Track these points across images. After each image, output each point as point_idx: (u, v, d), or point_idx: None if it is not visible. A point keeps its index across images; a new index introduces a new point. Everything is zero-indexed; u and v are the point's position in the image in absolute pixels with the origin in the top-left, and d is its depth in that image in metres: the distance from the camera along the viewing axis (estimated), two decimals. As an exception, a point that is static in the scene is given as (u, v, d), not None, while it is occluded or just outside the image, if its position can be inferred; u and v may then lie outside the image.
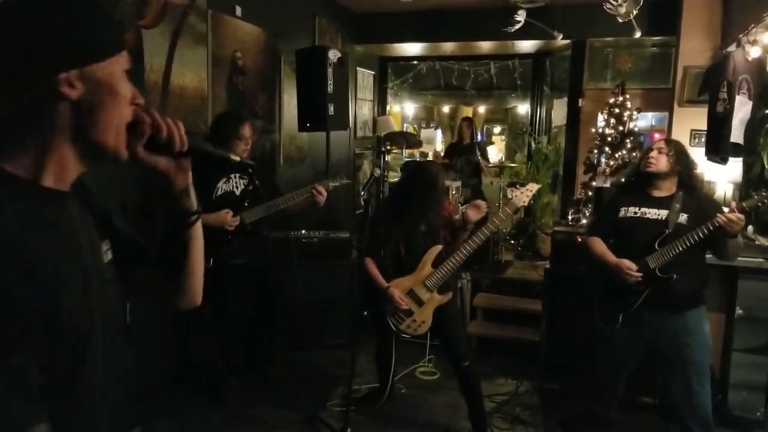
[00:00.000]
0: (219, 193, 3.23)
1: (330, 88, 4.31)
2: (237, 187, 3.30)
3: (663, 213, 2.74)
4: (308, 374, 3.93)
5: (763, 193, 2.60)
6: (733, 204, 2.55)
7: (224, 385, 3.47)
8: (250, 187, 3.30)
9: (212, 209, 3.11)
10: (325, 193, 3.28)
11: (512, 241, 6.23)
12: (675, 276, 2.66)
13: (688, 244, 2.60)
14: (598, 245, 2.88)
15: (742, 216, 2.49)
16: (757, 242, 3.42)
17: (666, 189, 2.77)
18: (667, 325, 2.75)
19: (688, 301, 2.75)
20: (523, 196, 2.98)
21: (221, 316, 3.43)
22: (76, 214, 0.96)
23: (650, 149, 2.81)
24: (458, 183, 5.88)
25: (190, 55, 3.65)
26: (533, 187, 3.06)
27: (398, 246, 3.05)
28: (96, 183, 1.11)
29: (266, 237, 3.65)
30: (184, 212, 1.14)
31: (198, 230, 1.18)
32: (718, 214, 2.54)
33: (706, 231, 2.56)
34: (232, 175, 3.27)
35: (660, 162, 2.73)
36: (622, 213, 2.84)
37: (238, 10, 4.21)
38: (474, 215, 2.97)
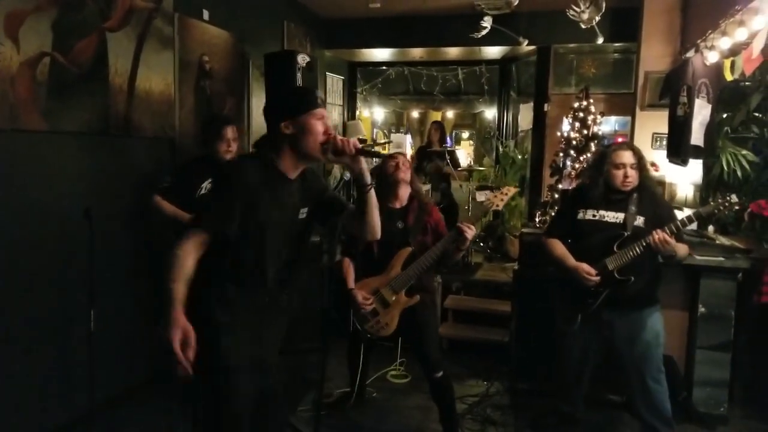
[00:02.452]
0: (202, 192, 3.29)
1: (299, 93, 4.29)
2: None
3: (620, 216, 2.81)
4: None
5: (719, 200, 2.72)
6: (666, 230, 2.66)
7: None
8: None
9: (193, 207, 3.12)
10: None
11: (481, 244, 6.28)
12: (632, 278, 2.74)
13: (643, 248, 2.68)
14: (557, 247, 2.94)
15: (671, 240, 2.62)
16: (717, 242, 3.53)
17: (622, 192, 2.84)
18: (623, 323, 2.84)
19: (643, 299, 2.84)
20: (497, 199, 2.95)
21: None
22: (294, 189, 1.99)
23: (621, 164, 2.77)
24: (428, 186, 5.92)
25: (156, 59, 3.60)
26: (509, 191, 3.01)
27: (372, 244, 3.02)
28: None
29: None
30: (363, 184, 1.99)
31: (371, 194, 2.02)
32: (652, 233, 2.63)
33: (644, 244, 2.67)
34: None
35: (635, 179, 2.79)
36: (580, 215, 2.89)
37: (206, 14, 4.17)
38: (470, 236, 2.86)
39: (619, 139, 5.83)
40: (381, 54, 7.25)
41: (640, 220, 2.78)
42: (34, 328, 2.85)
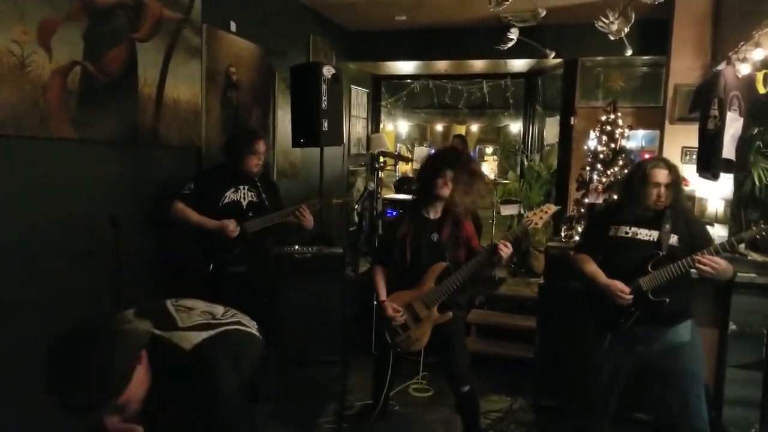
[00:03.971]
0: (226, 201, 3.33)
1: (324, 104, 4.31)
2: (244, 198, 3.39)
3: (654, 234, 2.72)
4: (300, 390, 3.88)
5: (762, 225, 2.60)
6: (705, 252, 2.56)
7: None
8: (256, 200, 3.41)
9: (217, 216, 3.24)
10: (308, 215, 3.34)
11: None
12: (667, 300, 2.65)
13: (681, 270, 2.60)
14: (588, 263, 2.85)
15: (721, 262, 2.52)
16: (749, 257, 3.42)
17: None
18: (659, 339, 2.74)
19: (678, 315, 2.75)
20: (536, 217, 2.85)
21: None
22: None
23: (655, 183, 2.68)
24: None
25: (184, 69, 3.65)
26: (550, 209, 2.89)
27: (404, 254, 2.98)
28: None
29: (269, 249, 3.67)
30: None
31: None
32: (700, 260, 2.53)
33: (682, 268, 2.59)
34: (242, 187, 3.39)
35: (668, 198, 2.70)
36: (612, 231, 2.81)
37: (233, 26, 4.22)
38: (506, 255, 2.81)
39: (646, 156, 5.74)
40: (405, 67, 7.28)
41: (674, 239, 2.70)
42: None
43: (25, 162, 2.65)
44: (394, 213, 5.70)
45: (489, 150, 11.04)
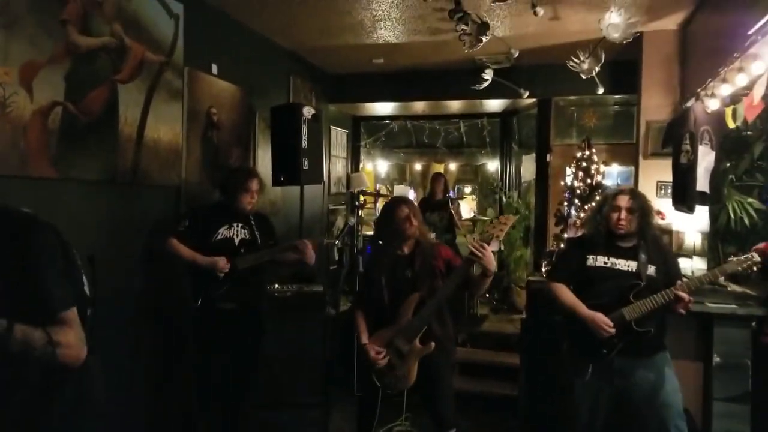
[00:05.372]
0: (218, 237, 3.37)
1: (304, 143, 4.33)
2: (237, 236, 3.43)
3: (632, 264, 2.78)
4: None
5: (742, 258, 2.68)
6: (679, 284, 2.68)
7: None
8: (249, 237, 3.45)
9: (210, 252, 3.28)
10: (309, 250, 3.40)
11: (487, 295, 6.22)
12: (651, 330, 2.68)
13: (664, 301, 2.65)
14: (566, 294, 2.86)
15: (690, 299, 2.65)
16: (729, 288, 3.47)
17: (629, 240, 2.83)
18: (638, 371, 2.75)
19: (654, 346, 2.78)
20: (496, 230, 2.67)
21: (204, 359, 3.42)
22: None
23: (617, 207, 2.79)
24: (432, 236, 5.90)
25: (166, 110, 3.67)
26: (509, 220, 2.76)
27: (382, 293, 2.95)
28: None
29: (261, 287, 3.67)
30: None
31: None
32: (682, 295, 2.64)
33: (666, 301, 2.66)
34: (235, 224, 3.44)
35: (631, 223, 2.78)
36: (590, 261, 2.84)
37: (215, 68, 4.27)
38: (484, 255, 2.63)
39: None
40: (384, 108, 7.39)
41: (651, 269, 2.75)
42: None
43: (4, 201, 2.60)
44: (373, 249, 5.70)
45: (467, 190, 11.17)
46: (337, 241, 5.27)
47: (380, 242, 3.12)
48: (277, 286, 4.10)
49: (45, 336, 1.51)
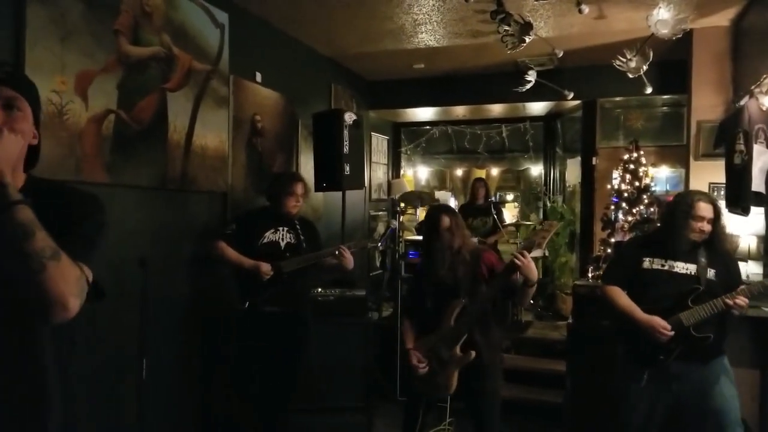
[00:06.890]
0: (264, 241, 3.44)
1: (346, 149, 4.37)
2: (282, 240, 3.50)
3: (691, 267, 2.67)
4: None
5: None
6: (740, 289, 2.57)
7: None
8: (294, 242, 3.51)
9: (256, 255, 3.34)
10: (348, 255, 3.42)
11: (531, 302, 6.11)
12: (711, 336, 2.58)
13: (724, 306, 2.54)
14: (621, 297, 2.77)
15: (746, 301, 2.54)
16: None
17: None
18: (696, 376, 2.65)
19: (712, 351, 2.67)
20: (539, 237, 2.58)
21: (247, 362, 3.46)
22: None
23: (700, 217, 2.64)
24: (475, 241, 5.85)
25: (212, 117, 3.75)
26: (552, 226, 2.69)
27: (425, 300, 2.92)
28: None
29: (305, 291, 3.71)
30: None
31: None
32: (738, 300, 2.52)
33: (724, 307, 2.55)
34: (281, 228, 3.51)
35: (709, 232, 2.68)
36: (646, 264, 2.75)
37: (258, 76, 4.35)
38: (526, 265, 2.53)
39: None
40: (424, 113, 7.38)
41: (711, 273, 2.65)
42: (83, 377, 2.86)
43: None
44: (417, 254, 5.68)
45: (510, 197, 11.00)
46: (379, 244, 5.27)
47: (423, 250, 3.10)
48: (319, 290, 4.13)
49: (51, 244, 1.21)
